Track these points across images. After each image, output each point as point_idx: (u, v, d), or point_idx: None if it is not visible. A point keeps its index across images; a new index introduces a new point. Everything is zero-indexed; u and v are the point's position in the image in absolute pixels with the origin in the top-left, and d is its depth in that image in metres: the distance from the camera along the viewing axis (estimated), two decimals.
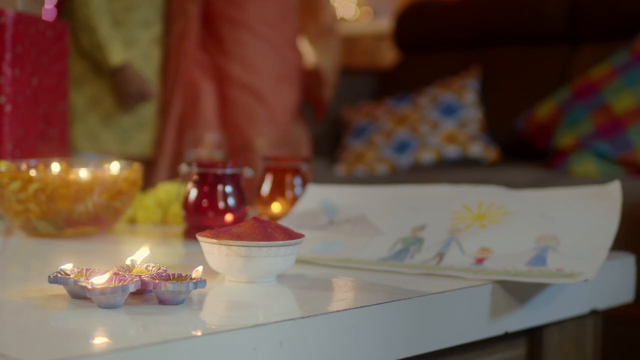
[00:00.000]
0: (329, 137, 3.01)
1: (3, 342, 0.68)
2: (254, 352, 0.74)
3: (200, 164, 1.24)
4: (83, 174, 1.26)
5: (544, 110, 2.43)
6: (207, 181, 1.23)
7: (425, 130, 2.64)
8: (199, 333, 0.72)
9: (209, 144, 1.61)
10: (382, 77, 3.29)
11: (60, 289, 0.87)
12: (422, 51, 3.18)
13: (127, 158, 2.29)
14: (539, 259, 1.03)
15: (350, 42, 5.35)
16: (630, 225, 1.76)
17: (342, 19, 5.63)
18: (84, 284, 0.80)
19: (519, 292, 1.01)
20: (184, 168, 1.26)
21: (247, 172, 1.31)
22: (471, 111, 2.69)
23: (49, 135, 1.67)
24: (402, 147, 2.62)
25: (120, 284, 0.79)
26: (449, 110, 2.69)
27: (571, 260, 1.02)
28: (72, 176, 1.24)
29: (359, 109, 2.90)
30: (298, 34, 2.46)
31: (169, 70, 2.34)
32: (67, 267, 0.85)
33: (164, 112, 2.34)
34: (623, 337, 1.77)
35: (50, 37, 1.66)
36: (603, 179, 2.02)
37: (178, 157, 2.30)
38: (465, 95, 2.73)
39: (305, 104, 2.66)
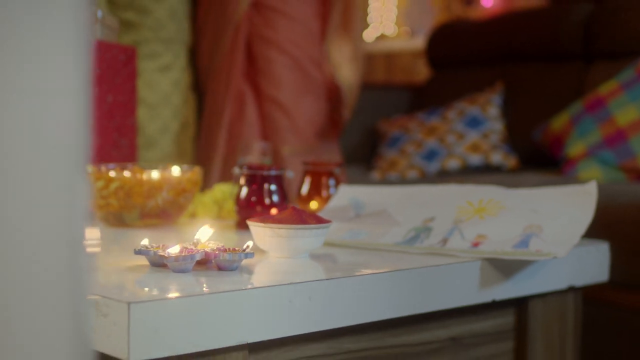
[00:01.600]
0: (366, 147, 3.23)
1: (104, 290, 0.91)
2: (289, 304, 0.96)
3: (250, 167, 1.47)
4: (154, 174, 1.49)
5: (558, 122, 2.63)
6: (256, 181, 1.45)
7: (452, 141, 2.86)
8: (248, 287, 0.94)
9: (257, 152, 1.83)
10: (415, 92, 3.51)
11: (141, 260, 1.09)
12: (451, 68, 3.39)
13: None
14: (523, 243, 1.24)
15: (390, 59, 5.56)
16: (630, 224, 1.95)
17: (382, 35, 5.85)
18: (162, 253, 1.03)
19: (505, 268, 1.22)
20: (236, 170, 1.49)
21: (289, 174, 1.54)
22: (494, 124, 2.90)
23: (121, 144, 1.91)
24: (431, 156, 2.84)
25: (190, 254, 1.02)
26: (473, 123, 2.90)
27: (549, 244, 1.23)
28: (145, 176, 1.47)
29: (394, 122, 3.12)
30: (324, 56, 2.65)
31: (220, 80, 2.56)
32: (146, 242, 1.08)
33: (216, 119, 2.55)
34: (601, 316, 1.96)
35: (122, 61, 1.90)
36: (607, 184, 2.22)
37: (228, 161, 2.51)
38: (489, 109, 2.93)
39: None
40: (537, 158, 2.82)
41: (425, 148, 2.87)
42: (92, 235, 1.33)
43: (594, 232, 1.56)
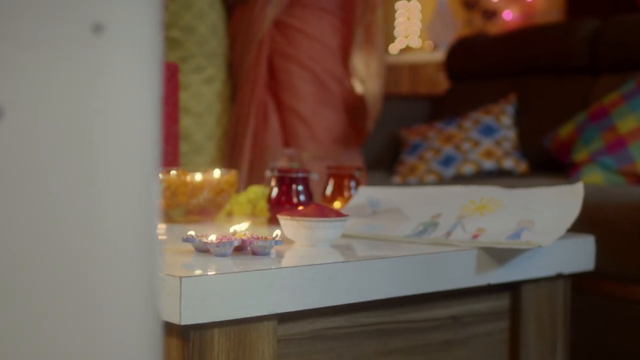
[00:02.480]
0: (389, 153, 3.41)
1: (162, 268, 1.08)
2: (311, 281, 1.13)
3: (280, 171, 1.64)
4: (196, 176, 1.67)
5: (566, 130, 2.78)
6: (285, 183, 1.63)
7: (467, 148, 3.02)
8: (277, 267, 1.11)
9: (286, 157, 2.01)
10: (435, 102, 3.67)
11: (188, 247, 1.27)
12: (468, 80, 3.55)
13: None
14: (516, 235, 1.40)
15: (415, 70, 5.73)
16: (628, 224, 2.10)
17: (407, 47, 6.02)
18: (205, 240, 1.20)
19: (499, 256, 1.38)
20: (268, 173, 1.67)
21: (314, 177, 1.71)
22: (506, 132, 3.06)
23: (164, 151, 2.09)
24: (447, 161, 3.00)
25: (229, 240, 1.19)
26: (488, 131, 3.06)
27: (538, 235, 1.39)
28: (188, 178, 1.65)
29: (414, 130, 3.29)
30: (346, 70, 2.82)
31: (245, 91, 2.75)
32: (191, 232, 1.26)
33: (242, 127, 2.73)
34: (599, 306, 2.11)
35: (165, 76, 2.08)
36: (608, 187, 2.37)
37: (253, 165, 2.70)
38: (502, 118, 3.10)
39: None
40: (547, 164, 2.97)
41: (443, 154, 3.03)
42: (160, 225, 1.51)
43: (595, 230, 1.73)
